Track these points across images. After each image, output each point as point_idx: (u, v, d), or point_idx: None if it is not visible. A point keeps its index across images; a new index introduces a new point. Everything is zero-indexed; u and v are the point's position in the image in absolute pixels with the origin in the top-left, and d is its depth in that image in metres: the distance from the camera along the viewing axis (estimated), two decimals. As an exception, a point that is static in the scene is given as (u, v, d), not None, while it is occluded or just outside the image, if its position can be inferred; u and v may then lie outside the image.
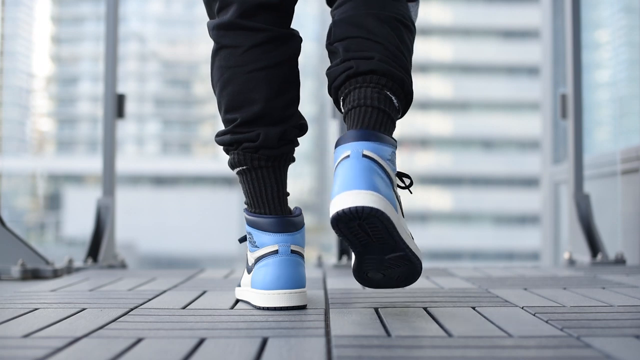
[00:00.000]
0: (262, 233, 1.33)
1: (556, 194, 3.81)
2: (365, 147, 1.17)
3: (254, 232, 1.34)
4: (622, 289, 1.62)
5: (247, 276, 1.40)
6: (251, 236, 1.35)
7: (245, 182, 1.37)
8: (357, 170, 1.15)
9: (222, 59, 1.35)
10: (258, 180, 1.35)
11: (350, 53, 1.25)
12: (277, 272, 1.31)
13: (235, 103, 1.33)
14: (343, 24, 1.29)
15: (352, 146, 1.17)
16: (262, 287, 1.32)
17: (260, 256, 1.33)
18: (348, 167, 1.16)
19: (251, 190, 1.35)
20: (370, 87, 1.22)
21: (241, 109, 1.33)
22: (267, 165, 1.34)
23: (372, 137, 1.18)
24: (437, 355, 0.93)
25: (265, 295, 1.31)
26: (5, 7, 2.59)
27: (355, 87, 1.23)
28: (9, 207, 8.70)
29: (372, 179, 1.15)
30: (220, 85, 1.35)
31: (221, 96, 1.35)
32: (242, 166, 1.35)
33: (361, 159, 1.16)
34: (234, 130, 1.34)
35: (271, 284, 1.31)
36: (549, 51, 4.01)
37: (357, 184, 1.14)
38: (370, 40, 1.25)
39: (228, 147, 1.37)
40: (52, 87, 40.20)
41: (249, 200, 1.37)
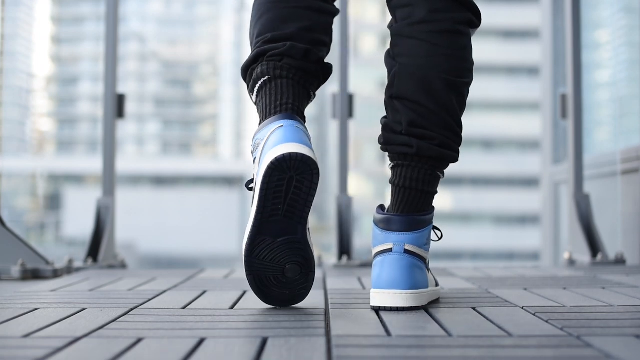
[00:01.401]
0: (265, 126, 1.30)
1: (556, 194, 3.81)
2: (408, 240, 1.33)
3: (260, 133, 1.30)
4: (622, 289, 1.62)
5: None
6: (256, 142, 1.31)
7: (265, 96, 1.32)
8: (398, 269, 1.32)
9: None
10: (276, 89, 1.32)
11: (414, 129, 1.34)
12: (286, 136, 1.27)
13: (268, 27, 1.36)
14: (410, 79, 1.35)
15: (395, 238, 1.32)
16: (275, 145, 1.26)
17: (266, 138, 1.27)
18: (389, 264, 1.32)
19: (266, 101, 1.32)
20: (423, 170, 1.34)
21: (273, 30, 1.35)
22: (287, 77, 1.32)
23: (414, 226, 1.33)
24: (437, 355, 0.93)
25: (278, 147, 1.26)
26: (5, 7, 2.59)
27: (410, 164, 1.35)
28: (9, 207, 8.69)
29: (411, 275, 1.33)
30: (257, 16, 1.38)
31: (255, 25, 1.38)
32: (262, 78, 1.32)
33: (403, 255, 1.32)
34: (262, 45, 1.35)
35: (281, 141, 1.26)
36: (549, 51, 4.01)
37: (400, 284, 1.31)
38: (434, 115, 1.34)
39: (252, 65, 1.35)
40: (52, 87, 40.18)
41: (262, 114, 1.32)
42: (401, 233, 1.33)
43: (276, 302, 1.34)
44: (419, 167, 1.34)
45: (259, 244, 1.29)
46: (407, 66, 1.35)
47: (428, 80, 1.34)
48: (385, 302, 1.31)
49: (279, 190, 1.26)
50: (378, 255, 1.34)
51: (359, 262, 2.47)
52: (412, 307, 1.31)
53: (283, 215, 1.28)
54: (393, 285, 1.31)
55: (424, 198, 1.35)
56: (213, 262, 26.45)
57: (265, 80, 1.32)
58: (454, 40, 1.36)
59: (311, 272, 1.32)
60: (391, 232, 1.33)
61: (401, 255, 1.32)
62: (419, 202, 1.35)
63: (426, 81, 1.34)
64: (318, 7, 1.39)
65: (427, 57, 1.35)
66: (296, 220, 1.28)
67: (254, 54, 1.36)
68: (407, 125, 1.34)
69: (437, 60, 1.35)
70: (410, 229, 1.33)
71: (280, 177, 1.24)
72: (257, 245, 1.29)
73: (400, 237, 1.33)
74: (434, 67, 1.35)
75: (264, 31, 1.36)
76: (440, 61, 1.35)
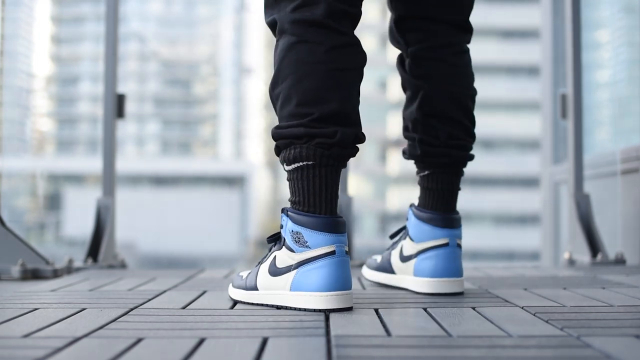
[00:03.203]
0: (316, 233, 1.30)
1: (556, 194, 3.81)
2: (458, 235, 1.57)
3: (306, 231, 1.31)
4: (622, 289, 1.62)
5: (267, 277, 1.37)
6: (300, 236, 1.31)
7: (304, 178, 1.32)
8: (455, 261, 1.56)
9: (301, 52, 1.32)
10: (320, 178, 1.32)
11: (452, 141, 1.55)
12: (337, 274, 1.29)
13: (311, 98, 1.31)
14: (443, 98, 1.54)
15: (449, 234, 1.55)
16: (323, 289, 1.29)
17: (314, 257, 1.30)
18: (448, 256, 1.55)
19: (309, 188, 1.32)
20: (456, 174, 1.58)
21: (317, 105, 1.31)
22: (332, 164, 1.32)
23: (459, 222, 1.58)
24: (437, 355, 0.93)
25: (327, 297, 1.29)
26: (5, 7, 2.59)
27: (446, 170, 1.57)
28: (9, 207, 8.68)
29: (461, 265, 1.58)
30: (294, 78, 1.32)
31: (293, 89, 1.32)
32: (307, 161, 1.31)
33: (456, 248, 1.56)
34: (309, 124, 1.31)
35: (331, 286, 1.29)
36: (549, 51, 4.01)
37: (456, 272, 1.56)
38: (465, 126, 1.56)
39: (294, 141, 1.32)
40: (52, 87, 40.19)
41: (303, 198, 1.32)
42: (455, 229, 1.56)
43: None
44: (453, 172, 1.57)
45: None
46: (437, 87, 1.54)
47: (458, 97, 1.55)
48: (445, 289, 1.53)
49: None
50: (432, 249, 1.55)
51: (359, 262, 2.47)
52: (461, 293, 1.55)
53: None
54: (452, 274, 1.55)
55: (455, 197, 1.59)
56: (213, 262, 26.45)
57: (309, 165, 1.31)
58: (465, 59, 1.57)
59: None
60: (446, 229, 1.55)
61: (456, 248, 1.56)
62: (453, 201, 1.58)
63: (457, 99, 1.54)
64: (353, 67, 1.36)
65: (453, 77, 1.55)
66: None
67: (299, 132, 1.31)
68: (447, 138, 1.54)
69: (459, 79, 1.56)
70: (459, 225, 1.57)
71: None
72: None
73: (456, 232, 1.56)
74: (459, 85, 1.55)
75: (305, 102, 1.31)
76: (462, 79, 1.56)
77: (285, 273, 1.34)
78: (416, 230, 1.59)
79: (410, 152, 1.60)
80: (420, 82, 1.55)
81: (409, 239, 1.61)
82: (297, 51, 1.33)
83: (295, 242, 1.32)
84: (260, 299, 1.39)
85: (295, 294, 1.32)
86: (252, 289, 1.40)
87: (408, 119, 1.59)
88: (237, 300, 1.44)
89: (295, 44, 1.33)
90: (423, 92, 1.54)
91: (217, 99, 39.76)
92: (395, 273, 1.65)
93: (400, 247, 1.64)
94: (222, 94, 39.56)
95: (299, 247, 1.32)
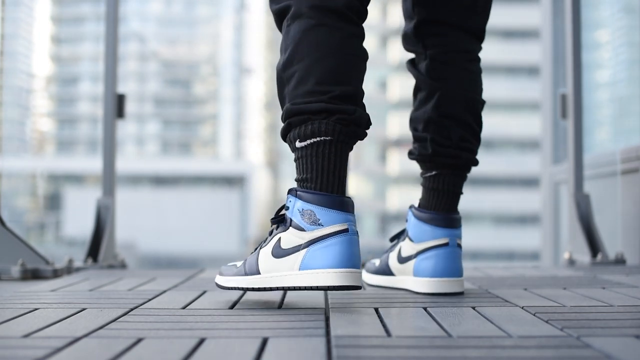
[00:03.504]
0: (330, 211, 1.30)
1: (556, 194, 3.81)
2: (458, 235, 1.59)
3: (318, 209, 1.30)
4: (622, 289, 1.62)
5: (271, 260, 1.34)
6: (312, 214, 1.30)
7: (319, 154, 1.32)
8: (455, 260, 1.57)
9: (320, 35, 1.35)
10: (335, 155, 1.32)
11: (463, 143, 1.59)
12: (349, 251, 1.29)
13: (332, 77, 1.34)
14: (457, 101, 1.59)
15: (449, 233, 1.57)
16: (336, 266, 1.29)
17: (327, 234, 1.29)
18: (448, 256, 1.56)
19: (323, 165, 1.32)
20: (462, 176, 1.61)
21: (338, 84, 1.33)
22: (346, 142, 1.34)
23: (459, 222, 1.60)
24: (437, 355, 0.93)
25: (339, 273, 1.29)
26: (5, 7, 2.59)
27: (454, 172, 1.60)
28: (9, 207, 8.69)
29: (461, 265, 1.59)
30: (313, 58, 1.34)
31: (311, 68, 1.33)
32: (324, 136, 1.32)
33: (456, 248, 1.57)
34: (329, 100, 1.32)
35: (344, 263, 1.29)
36: (549, 51, 4.01)
37: (456, 272, 1.57)
38: (474, 131, 1.61)
39: (311, 116, 1.33)
40: (52, 87, 40.17)
41: (316, 175, 1.32)
42: (455, 229, 1.58)
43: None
44: (460, 174, 1.60)
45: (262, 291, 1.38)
46: (453, 89, 1.59)
47: (472, 102, 1.61)
48: (445, 289, 1.54)
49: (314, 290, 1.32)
50: (432, 249, 1.56)
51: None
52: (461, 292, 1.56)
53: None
54: (452, 273, 1.56)
55: (458, 199, 1.61)
56: (213, 262, 26.39)
57: (327, 140, 1.32)
58: (478, 68, 1.64)
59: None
60: (446, 229, 1.56)
61: (456, 248, 1.57)
62: (456, 203, 1.61)
63: (470, 103, 1.60)
64: (363, 55, 1.40)
65: (467, 82, 1.61)
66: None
67: (319, 107, 1.32)
68: (458, 140, 1.59)
69: (473, 85, 1.62)
70: (459, 225, 1.59)
71: (326, 289, 1.30)
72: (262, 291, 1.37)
73: (456, 232, 1.58)
74: (473, 91, 1.62)
75: (325, 80, 1.33)
76: (475, 86, 1.62)
77: (292, 253, 1.32)
78: (416, 230, 1.59)
79: (419, 152, 1.62)
80: (437, 84, 1.59)
81: (407, 240, 1.61)
82: (317, 34, 1.35)
83: (305, 221, 1.31)
84: (265, 283, 1.35)
85: (305, 272, 1.30)
86: (254, 274, 1.36)
87: (420, 119, 1.62)
88: (235, 288, 1.39)
89: (314, 26, 1.35)
90: (440, 92, 1.59)
91: (217, 99, 39.75)
92: (394, 275, 1.65)
93: (398, 248, 1.64)
94: (222, 94, 39.55)
95: (311, 226, 1.30)
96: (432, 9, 1.61)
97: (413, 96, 1.67)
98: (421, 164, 1.64)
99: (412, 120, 1.65)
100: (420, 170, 1.65)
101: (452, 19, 1.61)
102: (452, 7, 1.60)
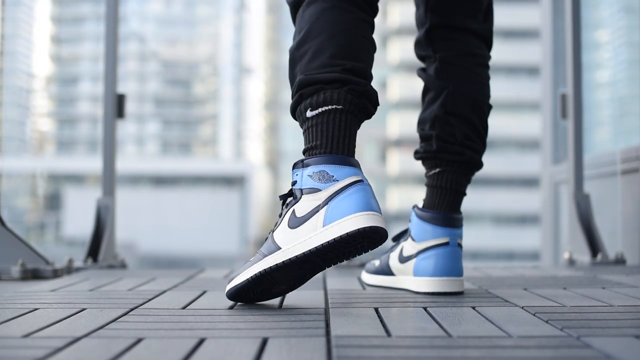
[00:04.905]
0: (341, 167, 1.30)
1: (556, 194, 3.81)
2: (459, 234, 1.59)
3: (330, 167, 1.30)
4: (622, 289, 1.62)
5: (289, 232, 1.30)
6: (324, 173, 1.30)
7: (329, 122, 1.33)
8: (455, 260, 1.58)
9: (336, 15, 1.39)
10: (346, 123, 1.33)
11: (467, 142, 1.62)
12: (367, 196, 1.29)
13: (346, 52, 1.37)
14: (464, 101, 1.62)
15: (450, 233, 1.57)
16: (359, 210, 1.27)
17: (344, 186, 1.29)
18: (448, 255, 1.57)
19: (333, 131, 1.32)
20: (466, 175, 1.63)
21: (351, 59, 1.36)
22: (356, 113, 1.35)
23: (461, 222, 1.60)
24: (437, 355, 0.93)
25: (366, 215, 1.27)
26: (5, 7, 2.59)
27: (457, 170, 1.62)
28: (9, 207, 8.69)
29: (461, 265, 1.60)
30: (329, 34, 1.37)
31: (327, 43, 1.36)
32: (336, 105, 1.33)
33: (456, 247, 1.58)
34: (343, 72, 1.35)
35: (366, 206, 1.27)
36: (549, 51, 4.01)
37: (456, 272, 1.57)
38: (479, 131, 1.64)
39: (324, 86, 1.34)
40: (52, 87, 40.17)
41: (325, 141, 1.32)
42: (456, 229, 1.58)
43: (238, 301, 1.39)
44: (464, 173, 1.62)
45: (285, 270, 1.31)
46: (460, 89, 1.62)
47: (478, 104, 1.63)
48: (445, 288, 1.55)
49: (342, 248, 1.28)
50: (432, 248, 1.57)
51: (358, 262, 2.47)
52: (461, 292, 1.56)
53: (324, 260, 1.30)
54: (452, 273, 1.56)
55: (461, 198, 1.63)
56: (213, 262, 26.43)
57: (338, 109, 1.33)
58: (487, 74, 1.68)
59: (291, 291, 1.40)
60: (447, 228, 1.57)
61: (456, 248, 1.58)
62: (458, 202, 1.62)
63: (476, 104, 1.63)
64: (373, 42, 1.44)
65: (475, 84, 1.65)
66: (327, 264, 1.32)
67: (333, 77, 1.34)
68: (463, 138, 1.61)
69: (481, 88, 1.65)
70: (460, 225, 1.60)
71: (355, 241, 1.27)
72: (283, 270, 1.31)
73: (456, 232, 1.58)
74: (480, 93, 1.65)
75: (340, 54, 1.36)
76: (483, 88, 1.66)
77: (312, 216, 1.29)
78: (418, 229, 1.60)
79: (424, 150, 1.64)
80: (445, 83, 1.63)
81: (410, 240, 1.62)
82: (332, 14, 1.39)
83: (319, 181, 1.30)
84: (289, 254, 1.29)
85: (330, 226, 1.26)
86: (275, 251, 1.30)
87: (427, 118, 1.64)
88: (256, 276, 1.31)
89: (330, 8, 1.39)
90: (447, 91, 1.62)
91: (217, 99, 39.75)
92: (394, 275, 1.66)
93: (400, 248, 1.65)
94: (222, 94, 39.55)
95: (326, 184, 1.29)
96: (444, 15, 1.66)
97: (422, 99, 1.69)
98: (426, 162, 1.65)
99: (420, 122, 1.68)
100: (425, 171, 1.67)
101: (462, 24, 1.65)
102: (463, 12, 1.66)
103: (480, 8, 1.67)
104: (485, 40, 1.69)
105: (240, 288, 1.34)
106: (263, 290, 1.36)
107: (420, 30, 1.69)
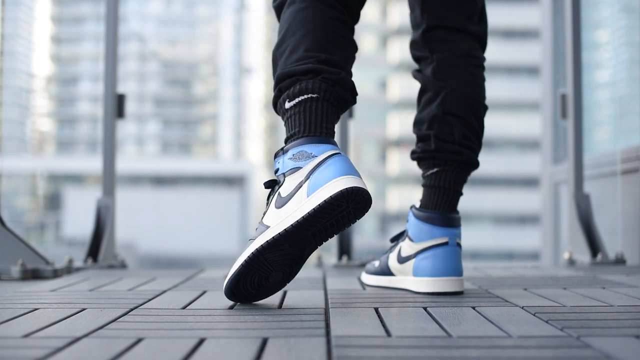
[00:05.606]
0: (319, 145, 1.34)
1: (556, 194, 3.81)
2: (458, 234, 1.59)
3: (308, 146, 1.34)
4: (622, 289, 1.62)
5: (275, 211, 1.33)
6: (303, 152, 1.34)
7: (306, 110, 1.38)
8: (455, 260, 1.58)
9: (310, 14, 1.46)
10: (322, 110, 1.38)
11: (465, 141, 1.63)
12: (346, 165, 1.31)
13: (320, 46, 1.43)
14: (462, 101, 1.63)
15: (449, 233, 1.58)
16: (339, 175, 1.30)
17: (323, 159, 1.32)
18: (448, 255, 1.57)
19: (311, 118, 1.37)
20: (463, 175, 1.63)
21: (324, 52, 1.43)
22: (332, 101, 1.39)
23: (459, 222, 1.61)
24: (437, 355, 0.93)
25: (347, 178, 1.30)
26: (5, 7, 2.59)
27: (455, 169, 1.62)
28: (9, 207, 8.68)
29: (461, 264, 1.60)
30: (304, 31, 1.44)
31: (302, 39, 1.43)
32: (311, 94, 1.38)
33: (456, 247, 1.58)
34: (317, 63, 1.41)
35: (346, 170, 1.30)
36: (549, 51, 4.01)
37: (456, 271, 1.57)
38: (476, 131, 1.65)
39: (300, 77, 1.39)
40: (52, 87, 40.16)
41: (303, 127, 1.37)
42: (454, 229, 1.58)
43: (237, 300, 1.39)
44: (462, 172, 1.63)
45: (276, 248, 1.32)
46: (458, 89, 1.63)
47: (475, 105, 1.64)
48: (444, 288, 1.55)
49: (329, 215, 1.30)
50: (432, 248, 1.57)
51: (358, 262, 2.47)
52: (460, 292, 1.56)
53: (313, 234, 1.33)
54: (452, 273, 1.56)
55: (458, 198, 1.63)
56: (213, 262, 26.43)
57: (314, 97, 1.38)
58: (482, 74, 1.69)
59: (287, 282, 1.41)
60: (446, 228, 1.57)
61: (456, 248, 1.58)
62: (456, 202, 1.62)
63: (473, 104, 1.64)
64: (351, 40, 1.50)
65: (471, 85, 1.66)
66: (317, 240, 1.35)
67: (307, 68, 1.40)
68: (461, 137, 1.62)
69: (477, 88, 1.66)
70: (459, 224, 1.60)
71: (339, 205, 1.30)
72: (275, 248, 1.32)
73: (455, 231, 1.58)
74: (477, 93, 1.66)
75: (314, 48, 1.43)
76: (480, 89, 1.67)
77: (297, 191, 1.32)
78: (416, 230, 1.60)
79: (422, 149, 1.65)
80: (443, 83, 1.64)
81: (408, 240, 1.62)
82: (307, 13, 1.46)
83: (299, 160, 1.35)
84: (277, 229, 1.31)
85: (313, 195, 1.30)
86: (264, 231, 1.33)
87: (425, 119, 1.65)
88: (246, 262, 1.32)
89: (306, 8, 1.47)
90: (445, 91, 1.64)
91: (217, 99, 39.76)
92: (394, 275, 1.66)
93: (398, 249, 1.65)
94: (222, 94, 39.56)
95: (305, 161, 1.34)
96: (441, 16, 1.67)
97: (417, 100, 1.70)
98: (423, 162, 1.65)
99: (416, 123, 1.68)
100: (421, 171, 1.66)
101: (459, 25, 1.67)
102: (459, 14, 1.67)
103: (476, 10, 1.69)
104: (480, 42, 1.70)
105: (236, 276, 1.34)
106: (259, 280, 1.36)
107: (416, 32, 1.70)
